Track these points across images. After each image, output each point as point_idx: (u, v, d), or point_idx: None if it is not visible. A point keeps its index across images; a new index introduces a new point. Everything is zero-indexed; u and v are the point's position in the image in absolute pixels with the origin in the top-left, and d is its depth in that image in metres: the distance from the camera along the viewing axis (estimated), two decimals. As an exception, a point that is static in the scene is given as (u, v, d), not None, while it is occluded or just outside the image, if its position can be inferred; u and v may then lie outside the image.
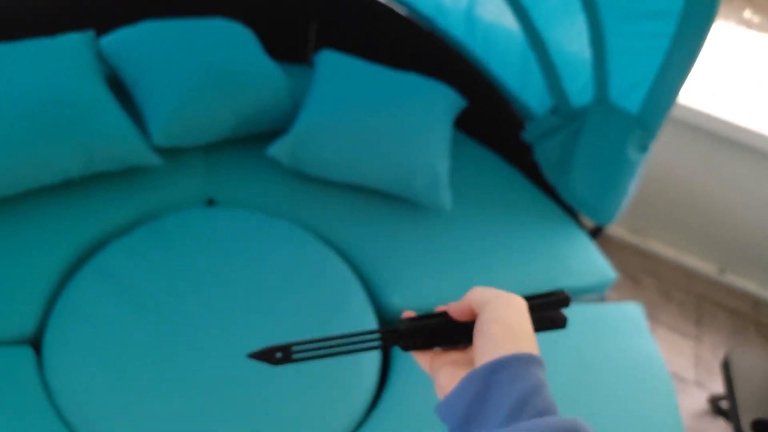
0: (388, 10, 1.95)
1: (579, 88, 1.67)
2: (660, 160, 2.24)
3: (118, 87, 1.63)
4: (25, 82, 1.38)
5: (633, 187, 1.67)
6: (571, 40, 1.59)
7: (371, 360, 1.30)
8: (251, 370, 1.18)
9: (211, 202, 1.58)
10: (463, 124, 1.96)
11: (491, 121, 1.96)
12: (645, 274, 2.47)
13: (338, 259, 1.48)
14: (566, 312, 0.54)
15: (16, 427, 1.03)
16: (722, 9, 1.85)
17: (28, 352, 1.16)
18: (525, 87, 1.84)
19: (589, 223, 1.83)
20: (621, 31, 1.45)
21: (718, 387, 2.07)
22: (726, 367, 1.63)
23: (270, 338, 1.21)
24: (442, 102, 1.73)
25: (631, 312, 1.56)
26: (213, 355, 1.19)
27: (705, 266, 2.50)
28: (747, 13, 2.36)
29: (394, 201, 1.64)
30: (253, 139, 1.69)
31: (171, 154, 1.56)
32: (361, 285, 1.45)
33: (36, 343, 1.20)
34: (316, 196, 1.61)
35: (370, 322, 1.36)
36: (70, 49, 1.53)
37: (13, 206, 1.34)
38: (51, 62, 1.46)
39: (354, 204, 1.62)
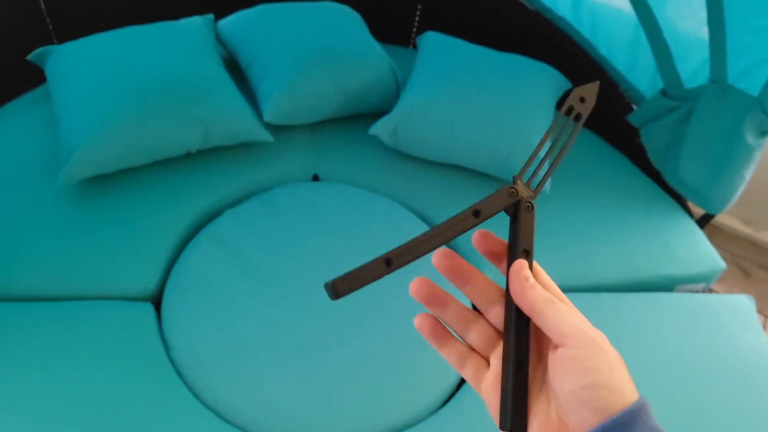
0: (493, -9, 1.95)
1: (693, 70, 1.59)
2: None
3: (234, 68, 1.74)
4: (152, 62, 1.49)
5: (748, 174, 1.58)
6: (686, 17, 1.52)
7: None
8: (352, 332, 1.25)
9: (316, 178, 1.65)
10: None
11: (596, 103, 1.91)
12: (757, 267, 2.31)
13: (435, 236, 1.51)
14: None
15: (136, 376, 1.13)
16: None
17: (149, 309, 1.26)
18: (634, 68, 1.77)
19: (698, 210, 1.74)
20: (742, 7, 1.37)
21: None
22: None
23: (369, 303, 1.28)
24: (545, 83, 1.71)
25: (740, 304, 1.48)
26: (316, 317, 1.26)
27: (828, 262, 2.31)
28: None
29: (493, 181, 1.64)
30: (357, 119, 1.75)
31: (281, 131, 1.65)
32: (457, 262, 1.47)
33: (156, 300, 1.31)
34: (416, 174, 1.65)
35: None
36: (192, 31, 1.63)
37: (141, 176, 1.46)
38: (175, 43, 1.57)
39: (452, 183, 1.64)
